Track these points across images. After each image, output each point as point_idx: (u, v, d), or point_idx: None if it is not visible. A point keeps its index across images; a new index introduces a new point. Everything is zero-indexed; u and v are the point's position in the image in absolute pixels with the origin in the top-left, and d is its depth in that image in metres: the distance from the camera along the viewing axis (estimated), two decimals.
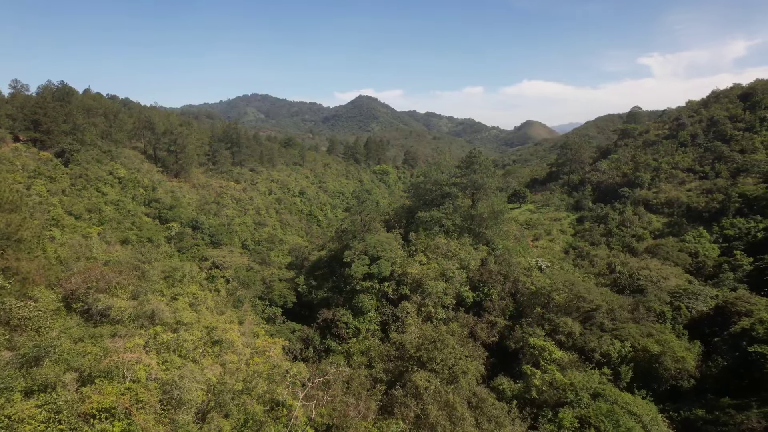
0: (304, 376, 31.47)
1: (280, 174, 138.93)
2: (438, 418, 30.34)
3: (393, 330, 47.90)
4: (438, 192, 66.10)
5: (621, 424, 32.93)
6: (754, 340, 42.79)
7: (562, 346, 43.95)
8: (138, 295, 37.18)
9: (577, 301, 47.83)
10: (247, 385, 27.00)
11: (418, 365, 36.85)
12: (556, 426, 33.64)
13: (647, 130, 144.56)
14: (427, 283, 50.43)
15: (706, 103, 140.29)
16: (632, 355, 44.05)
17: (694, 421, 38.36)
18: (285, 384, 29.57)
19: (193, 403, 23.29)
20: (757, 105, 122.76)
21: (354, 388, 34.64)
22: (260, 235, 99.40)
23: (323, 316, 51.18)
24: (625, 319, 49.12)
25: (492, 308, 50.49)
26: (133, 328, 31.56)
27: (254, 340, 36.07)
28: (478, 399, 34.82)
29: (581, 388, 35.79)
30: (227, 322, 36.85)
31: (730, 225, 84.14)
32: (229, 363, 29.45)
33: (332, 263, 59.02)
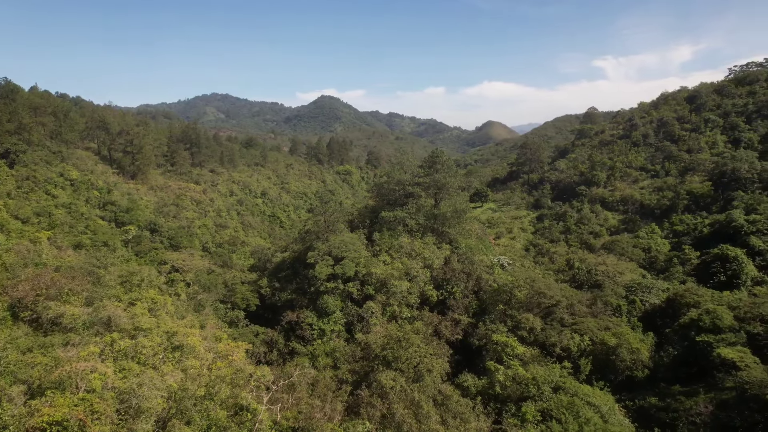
0: (268, 380, 30.96)
1: (242, 175, 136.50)
2: (404, 417, 30.44)
3: (358, 330, 47.79)
4: (401, 192, 66.32)
5: (581, 416, 33.94)
6: (701, 330, 44.92)
7: (524, 341, 44.84)
8: (93, 302, 35.75)
9: (538, 297, 48.89)
10: (210, 390, 26.35)
11: (384, 365, 36.86)
12: (520, 420, 34.32)
13: (602, 131, 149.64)
14: (392, 282, 50.51)
15: (656, 104, 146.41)
16: (591, 348, 45.44)
17: (648, 408, 40.02)
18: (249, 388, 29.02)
19: (153, 411, 22.54)
20: (701, 107, 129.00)
21: (319, 390, 34.35)
22: (221, 238, 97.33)
23: (287, 318, 50.51)
24: (583, 313, 50.60)
25: (456, 306, 51.03)
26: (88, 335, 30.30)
27: (217, 345, 35.22)
28: (443, 396, 35.12)
29: (543, 382, 36.61)
30: (188, 326, 35.82)
31: (679, 221, 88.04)
32: (191, 368, 28.63)
33: (296, 265, 58.35)
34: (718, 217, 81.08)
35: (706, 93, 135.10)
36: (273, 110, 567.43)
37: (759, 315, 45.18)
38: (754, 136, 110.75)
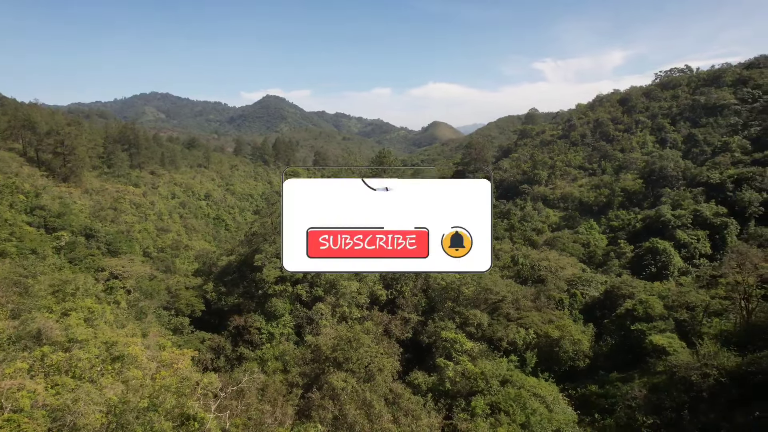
0: (216, 387, 30.08)
1: (184, 177, 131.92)
2: (356, 418, 30.44)
3: (308, 333, 47.36)
4: None
5: (527, 407, 35.16)
6: (636, 319, 47.64)
7: (473, 337, 45.88)
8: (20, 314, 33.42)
9: (484, 293, 50.17)
10: (154, 401, 25.28)
11: (335, 366, 36.71)
12: (470, 414, 35.09)
13: (543, 131, 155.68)
14: (341, 283, 50.41)
15: (592, 106, 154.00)
16: (536, 341, 47.14)
17: (589, 396, 42.03)
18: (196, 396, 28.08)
19: (91, 427, 21.36)
20: (632, 109, 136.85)
21: (269, 395, 33.76)
22: (163, 242, 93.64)
23: (234, 323, 49.33)
24: (528, 308, 52.36)
25: (405, 305, 51.55)
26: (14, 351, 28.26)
27: (160, 353, 33.83)
28: (394, 395, 35.37)
29: (491, 376, 37.57)
30: (129, 335, 34.23)
31: (615, 217, 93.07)
32: (133, 379, 27.34)
33: (242, 268, 57.09)
34: (648, 213, 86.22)
35: (636, 96, 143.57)
36: (216, 110, 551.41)
37: (685, 303, 48.40)
38: (678, 136, 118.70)
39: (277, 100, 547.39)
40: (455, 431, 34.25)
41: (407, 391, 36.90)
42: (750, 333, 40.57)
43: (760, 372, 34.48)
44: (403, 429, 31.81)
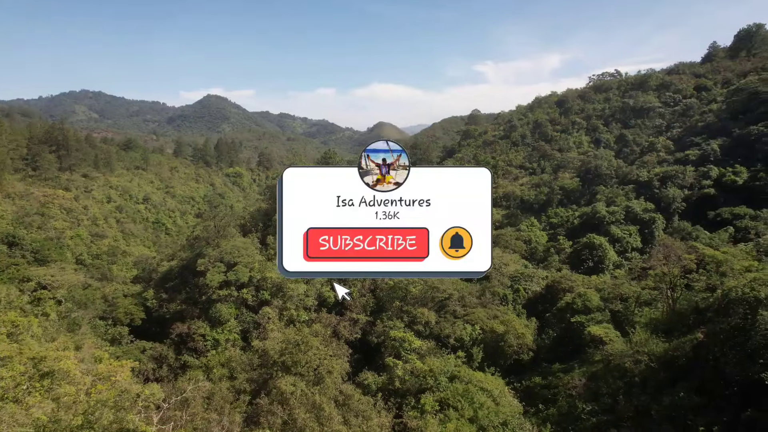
0: (158, 398, 28.82)
1: (121, 180, 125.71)
2: (306, 421, 30.09)
3: (255, 337, 46.34)
4: None
5: (475, 401, 35.99)
6: (575, 312, 49.84)
7: (421, 335, 46.41)
8: None
9: (431, 291, 50.89)
10: (89, 417, 23.88)
11: (283, 370, 36.13)
12: (419, 411, 35.50)
13: (486, 131, 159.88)
14: (288, 286, 49.70)
15: (532, 107, 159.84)
16: (482, 337, 48.33)
17: (533, 387, 43.56)
18: (136, 410, 26.78)
19: None
20: (569, 111, 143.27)
21: (216, 403, 32.77)
22: (99, 248, 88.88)
23: (177, 330, 47.55)
24: (474, 304, 53.57)
25: (353, 306, 51.50)
26: None
27: (96, 366, 32.01)
28: (344, 396, 35.22)
29: (440, 373, 38.16)
30: (60, 349, 32.16)
31: (554, 214, 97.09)
32: (65, 396, 25.71)
33: (185, 273, 55.11)
34: (585, 210, 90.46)
35: (572, 98, 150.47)
36: (154, 110, 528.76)
37: (619, 294, 51.18)
38: (611, 137, 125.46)
39: (218, 100, 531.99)
40: (405, 429, 34.55)
41: (357, 391, 36.84)
42: (675, 320, 43.46)
43: (684, 355, 37.17)
44: (354, 430, 31.76)
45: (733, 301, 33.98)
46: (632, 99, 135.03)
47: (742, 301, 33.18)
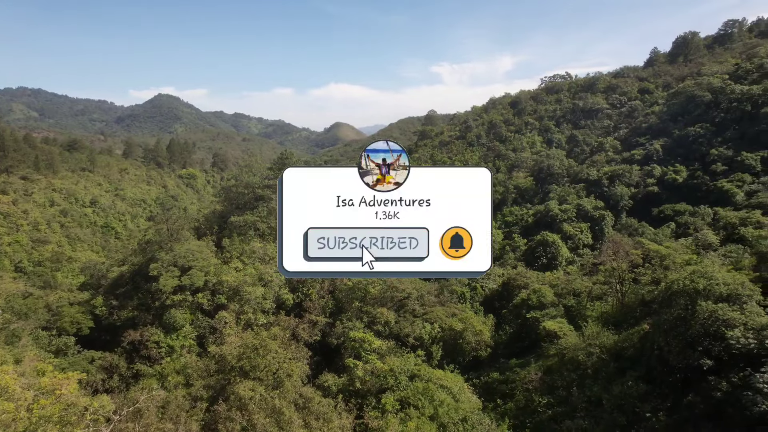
0: (108, 410, 27.66)
1: (65, 182, 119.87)
2: (265, 426, 29.60)
3: (211, 343, 45.18)
4: (251, 195, 64.34)
5: (435, 399, 36.36)
6: (531, 308, 51.20)
7: (380, 335, 46.52)
8: None
9: (390, 291, 51.08)
10: None
11: (241, 375, 35.40)
12: (380, 411, 35.56)
13: (442, 132, 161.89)
14: (245, 289, 48.74)
15: (486, 108, 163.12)
16: (441, 335, 48.93)
17: (491, 383, 44.45)
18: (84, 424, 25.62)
19: None
20: (522, 111, 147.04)
21: (171, 412, 31.75)
22: (41, 255, 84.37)
23: (129, 338, 45.74)
24: (432, 303, 54.17)
25: (312, 308, 51.05)
26: None
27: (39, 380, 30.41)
28: (304, 399, 34.85)
29: (400, 372, 38.35)
30: None
31: (510, 213, 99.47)
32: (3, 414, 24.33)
33: (136, 278, 53.12)
34: (539, 208, 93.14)
35: (525, 99, 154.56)
36: (101, 109, 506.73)
37: (572, 290, 52.93)
38: (562, 137, 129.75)
39: (170, 99, 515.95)
40: (367, 430, 34.54)
41: (317, 394, 36.55)
42: (624, 313, 45.37)
43: (632, 346, 38.93)
44: None
45: (675, 293, 35.77)
46: (582, 100, 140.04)
47: (683, 293, 34.98)
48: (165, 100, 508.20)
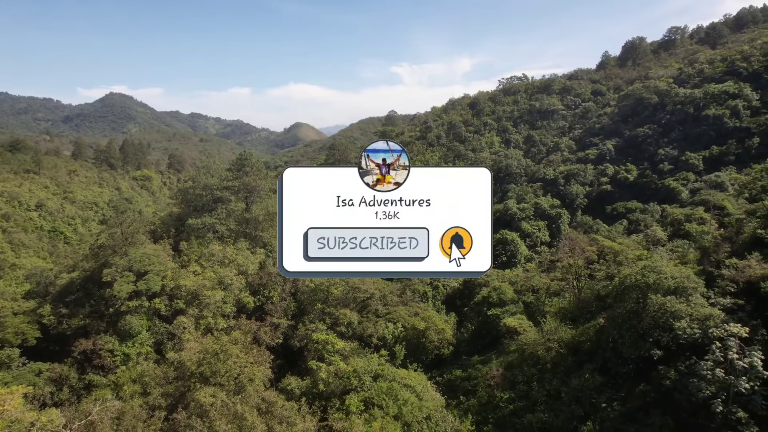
0: (58, 424, 26.44)
1: (7, 185, 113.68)
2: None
3: (169, 349, 43.81)
4: (209, 197, 62.76)
5: (399, 398, 36.50)
6: (491, 305, 52.12)
7: (344, 336, 46.32)
8: None
9: (353, 292, 50.89)
10: None
11: (202, 381, 34.53)
12: (344, 413, 35.38)
13: (402, 132, 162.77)
14: (204, 293, 47.52)
15: (446, 109, 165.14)
16: (404, 334, 49.14)
17: (454, 380, 45.00)
18: None
19: None
20: (481, 112, 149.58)
21: (126, 423, 30.68)
22: None
23: (81, 347, 43.74)
24: (395, 303, 54.32)
25: (274, 310, 50.31)
26: None
27: None
28: (267, 403, 34.33)
29: (363, 373, 38.27)
30: None
31: None
32: None
33: (88, 285, 50.93)
34: (498, 207, 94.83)
35: (483, 100, 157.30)
36: (47, 107, 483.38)
37: (530, 287, 54.20)
38: (520, 137, 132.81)
39: (122, 98, 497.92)
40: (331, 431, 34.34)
41: (281, 397, 36.09)
42: (580, 308, 46.82)
43: (588, 340, 40.24)
44: None
45: (627, 287, 37.21)
46: (538, 102, 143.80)
47: (635, 287, 36.45)
48: (117, 99, 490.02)
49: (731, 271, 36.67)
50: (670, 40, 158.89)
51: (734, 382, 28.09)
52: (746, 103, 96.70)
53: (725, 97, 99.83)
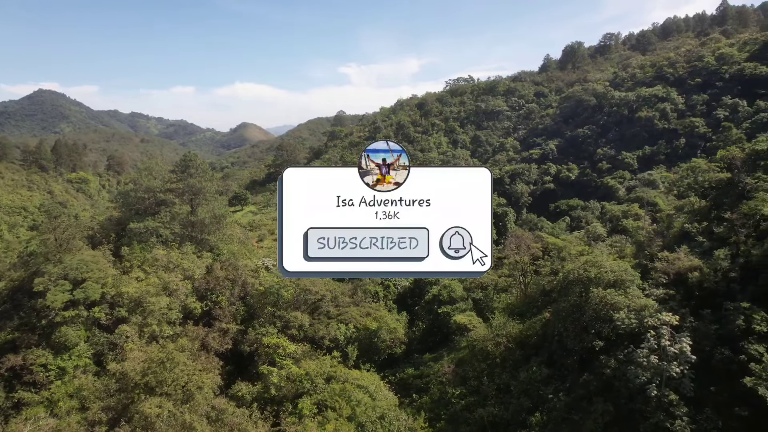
0: None
1: None
2: None
3: (111, 360, 41.66)
4: (152, 200, 60.27)
5: (352, 399, 36.40)
6: (442, 303, 52.92)
7: (295, 339, 45.71)
8: None
9: (304, 294, 50.31)
10: None
11: (147, 392, 33.12)
12: (297, 416, 34.94)
13: (351, 132, 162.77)
14: (148, 300, 45.55)
15: (394, 110, 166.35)
16: (356, 335, 49.06)
17: (407, 379, 45.37)
18: None
19: None
20: (429, 113, 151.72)
21: None
22: None
23: (9, 363, 40.79)
24: (347, 303, 54.08)
25: (222, 315, 48.93)
26: None
27: None
28: (217, 411, 33.46)
29: (316, 375, 37.93)
30: None
31: None
32: None
33: (17, 296, 47.68)
34: None
35: (431, 101, 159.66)
36: None
37: (479, 284, 55.39)
38: (467, 137, 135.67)
39: (54, 96, 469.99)
40: None
41: (231, 404, 35.24)
42: (527, 303, 48.35)
43: (535, 334, 41.65)
44: None
45: (571, 282, 38.76)
46: (484, 103, 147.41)
47: (578, 281, 38.04)
48: (48, 97, 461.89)
49: (663, 264, 38.99)
50: (606, 45, 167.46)
51: (666, 367, 29.97)
52: (673, 106, 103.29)
53: (655, 100, 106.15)
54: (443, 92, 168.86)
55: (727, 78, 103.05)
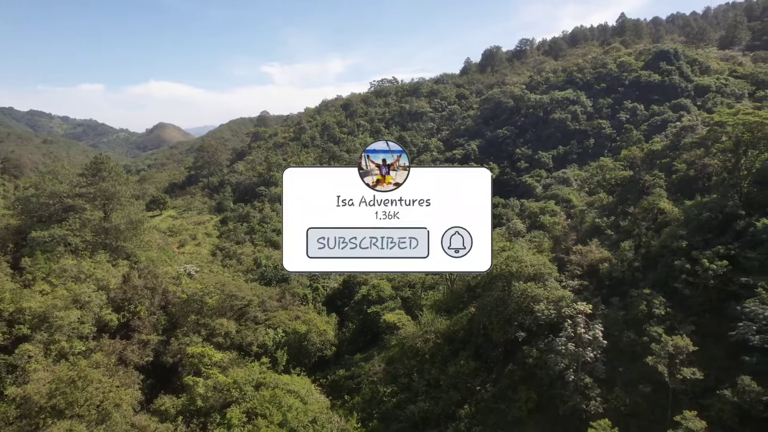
0: None
1: None
2: None
3: (10, 383, 37.93)
4: (58, 206, 55.59)
5: (283, 405, 35.71)
6: (371, 303, 53.24)
7: (221, 347, 44.21)
8: None
9: (230, 300, 48.72)
10: None
11: (55, 416, 30.57)
12: (226, 427, 33.77)
13: (276, 133, 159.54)
14: (55, 315, 41.91)
15: (319, 110, 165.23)
16: (285, 339, 48.20)
17: (338, 380, 45.24)
18: None
19: None
20: (354, 114, 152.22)
21: None
22: None
23: None
24: (275, 307, 53.02)
25: (142, 326, 46.16)
26: None
27: None
28: (138, 429, 31.63)
29: (244, 383, 36.91)
30: None
31: None
32: None
33: None
34: None
35: (356, 102, 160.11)
36: None
37: (407, 282, 56.38)
38: (392, 138, 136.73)
39: None
40: None
41: (153, 420, 33.52)
42: (454, 299, 49.77)
43: (462, 329, 43.01)
44: None
45: (494, 277, 40.39)
46: (408, 104, 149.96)
47: (500, 276, 39.73)
48: None
49: (578, 257, 41.73)
50: (522, 50, 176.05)
51: (582, 353, 32.24)
52: (583, 108, 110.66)
53: (567, 102, 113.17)
54: (368, 93, 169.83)
55: (627, 84, 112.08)
